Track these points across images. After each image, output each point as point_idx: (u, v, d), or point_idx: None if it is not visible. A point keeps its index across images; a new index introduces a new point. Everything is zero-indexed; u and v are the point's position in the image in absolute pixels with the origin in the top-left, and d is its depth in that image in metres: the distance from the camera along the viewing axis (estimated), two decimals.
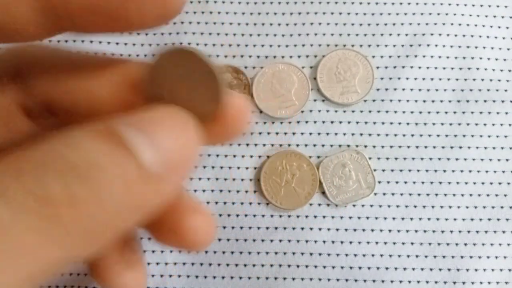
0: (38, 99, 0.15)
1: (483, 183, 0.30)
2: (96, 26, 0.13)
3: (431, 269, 0.29)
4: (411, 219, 0.29)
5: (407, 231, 0.29)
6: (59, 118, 0.16)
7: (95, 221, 0.11)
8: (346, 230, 0.29)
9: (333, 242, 0.29)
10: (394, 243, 0.29)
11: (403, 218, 0.29)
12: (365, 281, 0.29)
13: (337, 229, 0.29)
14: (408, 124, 0.30)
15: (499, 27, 0.32)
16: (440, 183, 0.30)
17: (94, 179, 0.10)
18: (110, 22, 0.13)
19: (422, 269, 0.29)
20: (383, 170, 0.30)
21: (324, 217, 0.29)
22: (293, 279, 0.29)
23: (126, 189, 0.11)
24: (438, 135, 0.30)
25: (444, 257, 0.29)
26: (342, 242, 0.29)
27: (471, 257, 0.29)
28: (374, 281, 0.29)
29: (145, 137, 0.11)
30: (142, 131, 0.12)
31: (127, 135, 0.11)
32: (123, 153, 0.11)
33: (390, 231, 0.29)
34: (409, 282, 0.29)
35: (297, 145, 0.30)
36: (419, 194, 0.30)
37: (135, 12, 0.13)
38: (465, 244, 0.29)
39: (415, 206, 0.30)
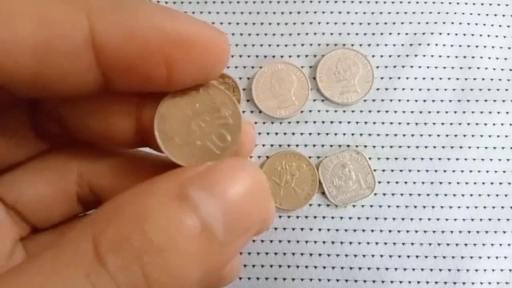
0: (52, 118, 0.16)
1: (483, 183, 0.30)
2: (133, 84, 0.14)
3: (431, 270, 0.29)
4: (411, 219, 0.29)
5: (407, 231, 0.29)
6: (71, 135, 0.16)
7: None
8: (346, 230, 0.29)
9: (333, 242, 0.29)
10: (394, 244, 0.29)
11: (403, 219, 0.29)
12: (365, 281, 0.29)
13: (337, 230, 0.29)
14: (408, 124, 0.30)
15: (499, 26, 0.32)
16: (440, 183, 0.30)
17: (171, 261, 0.12)
18: (147, 81, 0.14)
19: (422, 269, 0.29)
20: (383, 170, 0.30)
21: (324, 217, 0.29)
22: (293, 279, 0.29)
23: (198, 263, 0.12)
24: (438, 135, 0.30)
25: (444, 257, 0.29)
26: (342, 243, 0.29)
27: (471, 257, 0.29)
28: (374, 281, 0.29)
29: (217, 206, 0.13)
30: (213, 196, 0.13)
31: (202, 206, 0.12)
32: (197, 227, 0.12)
33: (390, 231, 0.29)
34: (409, 282, 0.29)
35: (297, 145, 0.30)
36: (419, 194, 0.30)
37: (174, 72, 0.13)
38: (465, 245, 0.29)
39: (415, 207, 0.29)
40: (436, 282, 0.29)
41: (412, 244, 0.29)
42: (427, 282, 0.29)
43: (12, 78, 0.12)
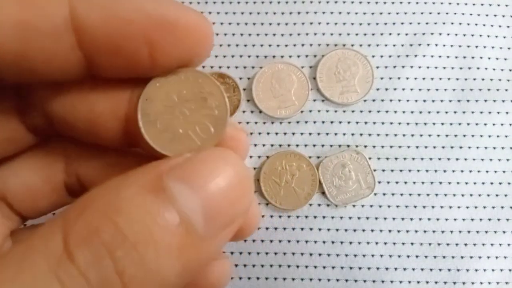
0: (40, 112, 0.16)
1: (483, 183, 0.30)
2: (117, 67, 0.14)
3: (431, 270, 0.29)
4: (411, 219, 0.29)
5: (407, 231, 0.29)
6: (59, 130, 0.16)
7: None
8: (346, 230, 0.29)
9: (333, 242, 0.29)
10: (394, 244, 0.29)
11: (403, 219, 0.29)
12: (365, 281, 0.29)
13: (337, 230, 0.29)
14: (408, 124, 0.30)
15: (499, 26, 0.32)
16: (440, 183, 0.30)
17: (147, 254, 0.11)
18: (130, 64, 0.13)
19: (422, 269, 0.29)
20: (383, 170, 0.30)
21: (324, 217, 0.29)
22: (293, 279, 0.29)
23: (176, 257, 0.12)
24: (438, 135, 0.30)
25: (444, 257, 0.29)
26: (342, 243, 0.29)
27: (471, 257, 0.29)
28: (374, 281, 0.29)
29: (196, 198, 0.12)
30: (192, 188, 0.12)
31: (180, 198, 0.12)
32: (175, 220, 0.11)
33: (390, 231, 0.29)
34: (409, 282, 0.29)
35: (297, 145, 0.30)
36: (419, 194, 0.30)
37: (157, 55, 0.13)
38: (465, 244, 0.29)
39: (415, 206, 0.29)
40: (436, 282, 0.29)
41: (412, 244, 0.29)
42: (427, 282, 0.29)
43: None
